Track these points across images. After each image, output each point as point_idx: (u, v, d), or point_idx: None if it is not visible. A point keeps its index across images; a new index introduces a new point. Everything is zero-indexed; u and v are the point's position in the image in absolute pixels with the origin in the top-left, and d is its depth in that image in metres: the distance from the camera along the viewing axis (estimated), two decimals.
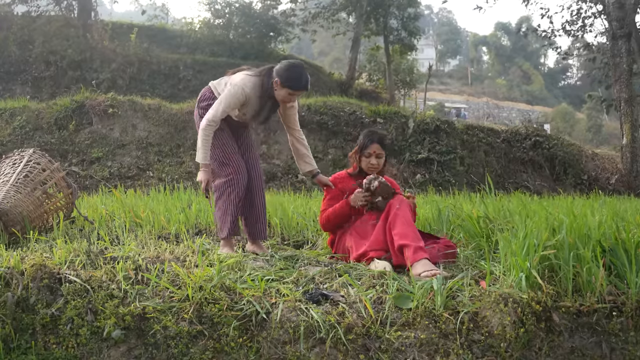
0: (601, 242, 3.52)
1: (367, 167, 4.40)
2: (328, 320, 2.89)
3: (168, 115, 13.92)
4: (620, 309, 3.15)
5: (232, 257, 3.76)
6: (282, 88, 4.22)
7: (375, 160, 4.38)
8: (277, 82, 4.21)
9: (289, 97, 4.29)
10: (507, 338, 2.88)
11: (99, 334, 2.91)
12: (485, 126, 17.51)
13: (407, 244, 3.71)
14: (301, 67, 4.31)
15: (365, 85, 28.65)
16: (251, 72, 4.40)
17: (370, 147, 4.35)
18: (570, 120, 48.40)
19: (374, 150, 4.36)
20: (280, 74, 4.21)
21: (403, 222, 3.85)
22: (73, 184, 5.26)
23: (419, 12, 28.63)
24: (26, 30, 19.78)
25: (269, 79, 4.28)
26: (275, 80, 4.22)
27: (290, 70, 4.23)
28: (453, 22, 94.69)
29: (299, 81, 4.23)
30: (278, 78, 4.21)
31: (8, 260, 3.23)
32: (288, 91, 4.23)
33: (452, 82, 69.46)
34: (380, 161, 4.41)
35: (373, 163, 4.37)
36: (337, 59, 57.53)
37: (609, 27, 17.19)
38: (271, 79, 4.26)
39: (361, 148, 4.39)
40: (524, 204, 5.09)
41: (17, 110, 13.58)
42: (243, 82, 4.27)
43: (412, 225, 3.89)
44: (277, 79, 4.21)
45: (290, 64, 4.30)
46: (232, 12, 26.16)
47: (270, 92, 4.29)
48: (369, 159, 4.37)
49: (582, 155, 16.96)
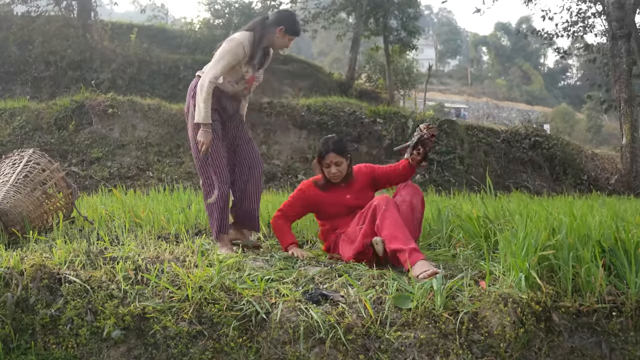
0: (601, 242, 3.52)
1: (330, 176, 4.38)
2: (328, 321, 2.90)
3: (168, 116, 13.91)
4: (620, 309, 3.15)
5: (232, 257, 3.76)
6: (285, 35, 4.40)
7: (335, 168, 4.34)
8: (282, 30, 4.37)
9: (288, 43, 4.49)
10: (506, 338, 2.88)
11: (99, 334, 2.91)
12: (485, 126, 17.51)
13: (401, 248, 3.66)
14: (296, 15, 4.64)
15: (364, 86, 28.63)
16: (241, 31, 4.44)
17: (327, 158, 4.32)
18: (570, 121, 48.38)
19: (331, 160, 4.32)
20: (284, 22, 4.38)
21: (391, 223, 3.79)
22: (73, 184, 5.26)
23: (418, 12, 28.56)
24: (26, 31, 19.76)
25: (262, 28, 4.38)
26: (280, 28, 4.36)
27: (292, 17, 4.49)
28: (453, 22, 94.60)
29: (299, 27, 4.51)
30: (283, 26, 4.36)
31: (8, 260, 3.23)
32: (290, 37, 4.44)
33: (452, 82, 69.41)
34: (340, 168, 4.35)
35: (334, 172, 4.34)
36: (336, 59, 57.48)
37: (608, 27, 17.20)
38: (267, 29, 4.38)
39: (320, 158, 4.37)
40: (523, 204, 5.10)
41: (16, 110, 13.57)
42: (242, 36, 4.32)
43: (400, 225, 3.81)
44: (282, 27, 4.36)
45: (291, 13, 4.60)
46: (231, 12, 26.14)
47: (265, 41, 4.40)
48: (329, 169, 4.35)
49: (582, 156, 16.97)
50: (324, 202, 4.44)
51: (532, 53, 78.56)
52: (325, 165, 4.34)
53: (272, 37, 4.39)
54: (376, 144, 14.10)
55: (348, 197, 4.38)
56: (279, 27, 4.35)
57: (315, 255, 4.40)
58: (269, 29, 4.37)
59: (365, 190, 4.44)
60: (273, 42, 4.43)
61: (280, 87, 23.20)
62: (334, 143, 4.35)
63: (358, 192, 4.40)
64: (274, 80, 23.31)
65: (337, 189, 4.42)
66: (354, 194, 4.39)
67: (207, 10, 26.66)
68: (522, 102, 62.29)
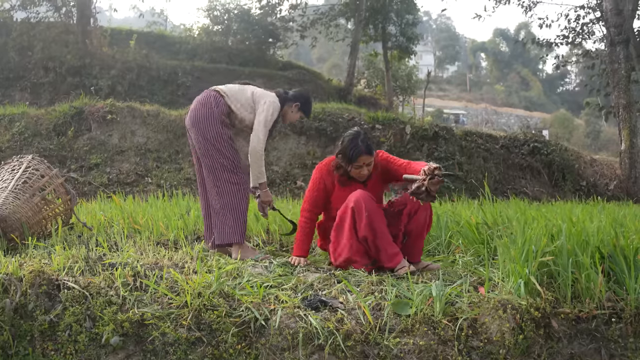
0: (600, 248, 3.52)
1: (359, 177, 4.21)
2: (327, 327, 2.89)
3: (167, 122, 13.91)
4: (620, 315, 3.15)
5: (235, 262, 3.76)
6: (298, 112, 4.94)
7: (367, 169, 4.19)
8: (297, 106, 4.90)
9: (298, 119, 5.06)
10: (506, 344, 2.88)
11: (98, 341, 2.91)
12: (483, 132, 17.52)
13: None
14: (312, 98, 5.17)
15: (363, 92, 28.66)
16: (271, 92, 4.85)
17: (359, 160, 4.13)
18: (568, 126, 48.39)
19: (364, 162, 4.14)
20: (301, 100, 4.93)
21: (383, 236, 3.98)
22: (72, 190, 5.26)
23: (417, 19, 28.62)
24: (25, 37, 19.78)
25: (283, 98, 4.83)
26: (295, 104, 4.89)
27: (309, 99, 5.00)
28: (451, 29, 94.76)
29: (311, 109, 5.07)
30: (299, 103, 4.91)
31: (6, 266, 3.23)
32: (301, 115, 4.99)
33: (450, 89, 69.50)
34: (370, 168, 4.21)
35: (365, 173, 4.19)
36: (335, 65, 57.56)
37: (607, 33, 17.23)
38: (287, 100, 4.85)
39: (349, 160, 4.14)
40: (522, 210, 5.10)
41: (16, 116, 13.57)
42: (277, 99, 4.76)
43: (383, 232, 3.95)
44: (297, 103, 4.90)
45: (308, 95, 5.09)
46: (231, 18, 26.18)
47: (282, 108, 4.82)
48: (359, 170, 4.17)
49: (581, 161, 16.97)
50: (336, 197, 4.28)
51: (530, 59, 78.67)
52: (356, 167, 4.15)
53: (288, 108, 4.86)
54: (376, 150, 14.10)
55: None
56: (296, 102, 4.88)
57: (314, 261, 4.40)
58: (288, 101, 4.86)
59: (376, 187, 4.32)
60: (286, 112, 4.88)
61: None
62: (365, 144, 4.15)
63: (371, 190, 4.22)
64: (273, 86, 23.29)
65: (352, 186, 4.22)
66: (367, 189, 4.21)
67: (206, 16, 26.69)
68: (520, 108, 62.36)
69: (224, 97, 4.62)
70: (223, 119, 4.53)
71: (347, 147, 4.14)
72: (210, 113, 4.53)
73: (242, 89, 4.75)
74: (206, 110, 4.55)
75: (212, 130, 4.49)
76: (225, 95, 4.63)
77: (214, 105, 4.56)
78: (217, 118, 4.51)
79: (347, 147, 4.14)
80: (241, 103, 4.63)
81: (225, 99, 4.61)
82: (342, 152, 4.18)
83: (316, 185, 4.36)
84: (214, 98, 4.60)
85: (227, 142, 4.51)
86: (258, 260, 4.32)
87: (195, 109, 4.61)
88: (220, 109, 4.55)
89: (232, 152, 4.53)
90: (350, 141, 4.15)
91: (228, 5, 26.51)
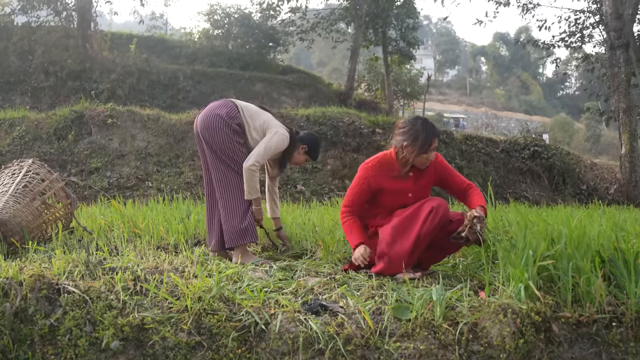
0: (600, 252, 3.51)
1: (422, 163, 4.05)
2: (327, 331, 2.89)
3: (167, 126, 13.93)
4: (620, 319, 3.14)
5: (231, 267, 3.76)
6: (304, 154, 4.94)
7: (433, 155, 4.05)
8: (304, 148, 4.91)
9: (303, 162, 5.03)
10: (506, 349, 2.88)
11: (98, 345, 2.90)
12: (484, 136, 17.55)
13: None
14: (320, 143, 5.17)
15: (364, 96, 28.73)
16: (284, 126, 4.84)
17: (434, 142, 3.99)
18: (568, 130, 48.47)
19: (435, 145, 4.01)
20: (308, 143, 4.93)
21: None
22: (72, 194, 5.26)
23: (417, 23, 28.71)
24: (26, 41, 19.84)
25: (293, 139, 4.83)
26: (303, 146, 4.89)
27: (317, 144, 5.01)
28: (451, 33, 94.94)
29: (318, 153, 5.08)
30: (306, 145, 4.91)
31: (7, 270, 3.22)
32: (307, 158, 4.99)
33: (450, 92, 69.62)
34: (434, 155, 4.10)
35: (431, 158, 4.05)
36: (335, 69, 57.72)
37: (607, 37, 17.26)
38: (295, 140, 4.85)
39: (423, 144, 3.94)
40: (522, 214, 5.09)
41: (16, 120, 13.59)
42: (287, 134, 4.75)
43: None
44: (305, 145, 4.90)
45: (317, 139, 5.06)
46: (231, 22, 26.25)
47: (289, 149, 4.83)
48: (428, 155, 3.99)
49: (581, 165, 16.99)
50: (386, 190, 4.11)
51: (530, 63, 78.82)
52: (425, 151, 3.96)
53: (295, 148, 4.87)
54: (375, 154, 14.11)
55: (410, 195, 4.09)
56: (303, 145, 4.89)
57: (315, 265, 4.39)
58: (296, 142, 4.86)
59: (426, 189, 4.18)
60: (293, 153, 4.89)
61: (279, 98, 23.28)
62: (434, 127, 4.05)
63: (420, 190, 4.12)
64: (273, 90, 23.37)
65: (402, 181, 4.09)
66: (415, 193, 4.11)
67: (207, 20, 26.77)
68: (520, 112, 62.46)
69: (240, 111, 4.66)
70: (235, 127, 4.57)
71: (421, 132, 3.96)
72: (222, 118, 4.56)
73: (258, 112, 4.78)
74: (220, 114, 4.58)
75: (223, 133, 4.52)
76: (241, 109, 4.68)
77: (228, 113, 4.60)
78: (229, 124, 4.55)
79: (421, 131, 3.96)
80: (254, 126, 4.67)
81: (240, 112, 4.66)
82: (414, 138, 3.96)
83: (360, 183, 4.14)
84: (230, 107, 4.65)
85: (237, 147, 4.54)
86: (258, 264, 4.33)
87: (209, 113, 4.63)
88: (233, 119, 4.59)
89: (242, 157, 4.56)
90: (423, 125, 3.99)
91: (228, 9, 26.58)
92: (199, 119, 4.68)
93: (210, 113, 4.61)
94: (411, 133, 3.98)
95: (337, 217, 6.32)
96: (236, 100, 4.79)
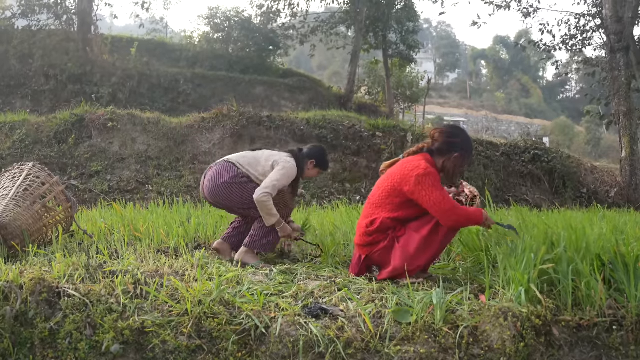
0: (600, 255, 3.51)
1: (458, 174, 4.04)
2: (327, 335, 2.89)
3: (167, 129, 13.94)
4: (621, 322, 3.14)
5: (231, 270, 3.76)
6: (315, 168, 5.02)
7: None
8: (312, 163, 4.99)
9: (317, 175, 5.17)
10: (507, 352, 2.87)
11: (98, 349, 2.90)
12: (484, 140, 17.54)
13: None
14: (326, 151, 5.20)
15: (364, 99, 28.72)
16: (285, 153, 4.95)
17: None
18: (569, 134, 48.44)
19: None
20: (315, 157, 5.00)
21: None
22: (72, 198, 5.26)
23: (417, 26, 28.69)
24: (26, 44, 19.86)
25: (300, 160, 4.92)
26: (311, 161, 4.98)
27: (324, 154, 5.08)
28: (452, 36, 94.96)
29: (327, 163, 5.15)
30: (314, 160, 4.99)
31: (7, 274, 3.23)
32: (319, 170, 5.09)
33: (451, 96, 69.57)
34: None
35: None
36: (336, 73, 57.72)
37: (607, 40, 17.27)
38: (302, 160, 4.94)
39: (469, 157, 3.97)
40: (523, 218, 5.09)
41: (17, 123, 13.60)
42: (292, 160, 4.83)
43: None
44: (313, 160, 4.99)
45: (323, 150, 5.13)
46: (231, 26, 26.26)
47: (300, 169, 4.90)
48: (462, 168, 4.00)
49: (581, 169, 16.98)
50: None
51: (530, 66, 78.83)
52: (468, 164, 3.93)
53: (305, 167, 4.95)
54: (375, 158, 14.10)
55: None
56: (311, 160, 4.98)
57: (315, 269, 4.38)
58: (304, 160, 4.96)
59: None
60: (304, 171, 4.97)
61: (280, 101, 23.29)
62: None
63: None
64: (273, 94, 23.38)
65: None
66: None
67: (207, 24, 26.80)
68: (521, 115, 62.39)
69: (239, 166, 4.75)
70: (242, 180, 4.69)
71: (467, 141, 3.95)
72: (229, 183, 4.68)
73: (255, 157, 4.87)
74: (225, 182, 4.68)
75: (237, 193, 4.66)
76: (239, 165, 4.77)
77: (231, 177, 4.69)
78: (237, 182, 4.67)
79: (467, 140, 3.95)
80: (259, 172, 4.75)
81: (241, 168, 4.75)
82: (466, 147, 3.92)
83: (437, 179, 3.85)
84: (229, 170, 4.74)
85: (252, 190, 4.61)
86: (258, 267, 4.33)
87: (214, 184, 4.72)
88: (237, 177, 4.69)
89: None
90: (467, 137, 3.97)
91: (228, 12, 26.60)
92: (207, 191, 4.79)
93: (216, 184, 4.70)
94: (465, 145, 3.94)
95: (337, 221, 6.34)
96: (229, 157, 4.89)
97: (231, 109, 14.38)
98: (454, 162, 3.92)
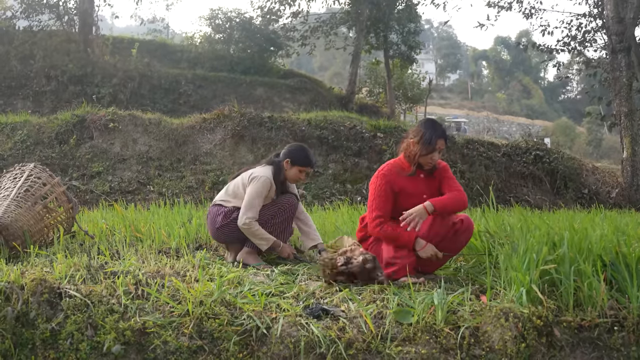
0: (602, 256, 3.51)
1: (428, 163, 4.13)
2: (328, 335, 2.89)
3: (168, 130, 13.93)
4: (622, 323, 3.14)
5: (233, 271, 3.76)
6: (292, 167, 4.76)
7: (438, 155, 4.13)
8: (287, 162, 4.75)
9: (299, 174, 4.79)
10: (508, 353, 2.87)
11: (99, 349, 2.90)
12: (485, 140, 17.51)
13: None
14: (306, 148, 4.90)
15: (365, 100, 28.71)
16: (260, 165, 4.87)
17: (438, 143, 4.07)
18: (570, 134, 48.42)
19: (440, 147, 4.10)
20: (290, 156, 4.77)
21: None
22: (73, 199, 5.26)
23: (419, 27, 28.67)
24: (27, 45, 19.86)
25: (277, 166, 4.77)
26: (286, 160, 4.75)
27: (298, 151, 4.81)
28: (453, 37, 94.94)
29: (307, 158, 4.79)
30: (289, 159, 4.76)
31: (8, 274, 3.23)
32: (298, 168, 4.76)
33: (452, 97, 69.60)
34: (439, 156, 4.17)
35: (436, 159, 4.12)
36: (337, 74, 57.72)
37: (608, 41, 17.25)
38: (279, 163, 4.78)
39: (428, 142, 4.05)
40: (524, 219, 5.09)
41: (18, 124, 13.60)
42: (265, 172, 4.69)
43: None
44: (287, 159, 4.76)
45: (299, 147, 4.89)
46: (232, 27, 26.24)
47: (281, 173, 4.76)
48: (432, 155, 4.09)
49: (583, 169, 16.95)
50: (405, 192, 4.15)
51: (532, 67, 78.83)
52: (430, 151, 4.06)
53: (281, 170, 4.76)
54: (377, 158, 14.08)
55: (425, 197, 4.08)
56: (285, 160, 4.76)
57: (316, 270, 4.38)
58: (279, 164, 4.78)
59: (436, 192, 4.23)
60: (285, 174, 4.78)
61: (281, 102, 23.27)
62: (442, 128, 4.17)
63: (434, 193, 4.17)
64: (274, 94, 23.38)
65: (415, 181, 4.18)
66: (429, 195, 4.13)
67: (208, 25, 26.78)
68: (522, 116, 62.40)
69: (225, 206, 4.74)
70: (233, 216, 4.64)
71: (426, 130, 4.11)
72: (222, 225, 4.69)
73: (236, 183, 4.81)
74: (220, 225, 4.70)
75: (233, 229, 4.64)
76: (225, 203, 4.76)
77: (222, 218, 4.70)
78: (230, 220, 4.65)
79: (426, 129, 4.11)
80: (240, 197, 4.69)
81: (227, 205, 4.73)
82: (420, 135, 4.09)
83: (383, 189, 4.14)
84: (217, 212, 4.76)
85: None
86: (259, 268, 4.33)
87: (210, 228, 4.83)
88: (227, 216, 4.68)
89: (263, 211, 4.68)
90: (429, 125, 4.17)
91: (230, 13, 26.60)
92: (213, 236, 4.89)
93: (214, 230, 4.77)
94: (418, 131, 4.13)
95: (339, 221, 6.34)
96: (215, 199, 4.89)
97: (232, 110, 14.38)
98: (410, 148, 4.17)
